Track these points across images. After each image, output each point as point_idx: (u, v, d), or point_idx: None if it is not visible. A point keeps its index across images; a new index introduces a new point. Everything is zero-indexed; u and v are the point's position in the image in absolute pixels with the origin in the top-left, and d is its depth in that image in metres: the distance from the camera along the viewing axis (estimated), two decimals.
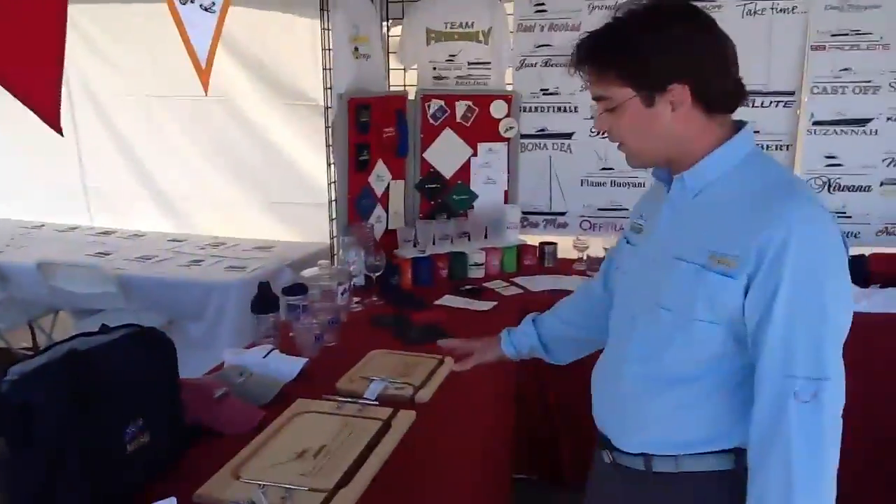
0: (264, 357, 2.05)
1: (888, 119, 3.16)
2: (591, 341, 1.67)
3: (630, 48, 1.27)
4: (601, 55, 1.31)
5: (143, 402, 1.48)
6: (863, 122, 3.19)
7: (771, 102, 3.23)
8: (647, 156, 1.37)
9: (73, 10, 4.32)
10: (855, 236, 3.26)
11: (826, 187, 3.25)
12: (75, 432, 1.33)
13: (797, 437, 1.17)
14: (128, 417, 1.44)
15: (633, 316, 1.39)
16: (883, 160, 3.20)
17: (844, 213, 3.26)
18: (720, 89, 1.30)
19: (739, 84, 1.33)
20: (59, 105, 1.46)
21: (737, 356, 1.27)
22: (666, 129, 1.30)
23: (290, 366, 2.02)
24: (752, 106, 3.19)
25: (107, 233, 4.34)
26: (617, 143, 1.38)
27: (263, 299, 2.26)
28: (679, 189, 1.34)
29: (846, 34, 3.13)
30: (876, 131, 3.18)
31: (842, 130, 3.20)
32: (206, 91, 1.64)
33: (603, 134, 1.39)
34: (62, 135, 1.48)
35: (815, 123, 3.22)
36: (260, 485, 1.42)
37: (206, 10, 1.61)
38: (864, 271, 2.99)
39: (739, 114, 1.38)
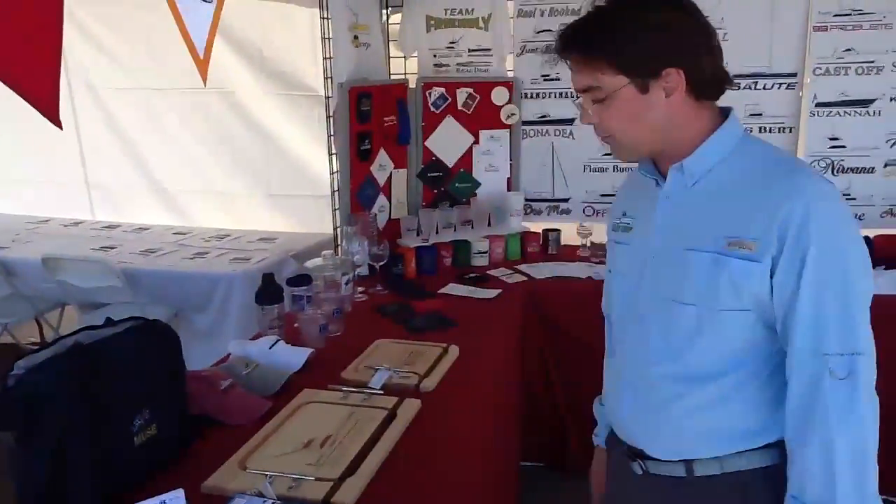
0: (270, 348, 2.05)
1: (891, 99, 3.13)
2: None
3: (621, 32, 1.23)
4: (592, 41, 1.25)
5: (149, 394, 1.48)
6: (866, 102, 3.17)
7: (773, 84, 3.20)
8: (639, 147, 1.32)
9: (71, 3, 4.34)
10: (859, 218, 3.24)
11: (830, 169, 3.23)
12: (82, 425, 1.33)
13: (836, 417, 1.15)
14: (134, 409, 1.45)
15: (641, 317, 1.35)
16: (887, 141, 3.18)
17: (848, 194, 3.24)
18: (711, 74, 1.27)
19: (724, 70, 1.30)
20: (58, 98, 1.46)
21: (767, 343, 1.24)
22: (660, 117, 1.26)
23: (295, 356, 2.03)
24: (755, 88, 3.17)
25: (111, 227, 4.35)
26: (602, 137, 1.33)
27: (268, 290, 2.26)
28: (677, 179, 1.31)
29: (848, 14, 3.11)
30: (879, 112, 3.16)
31: (845, 112, 3.18)
32: (204, 82, 1.63)
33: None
34: (61, 128, 1.48)
35: (818, 105, 3.20)
36: (267, 475, 1.42)
37: (203, 0, 1.60)
38: (869, 253, 2.97)
39: (744, 96, 1.38)
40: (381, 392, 1.83)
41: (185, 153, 4.32)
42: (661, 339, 1.31)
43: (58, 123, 1.46)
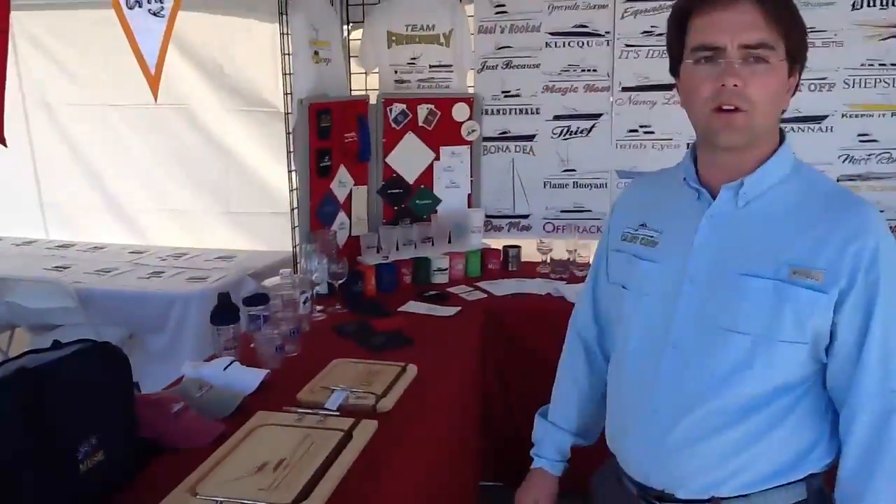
0: (224, 369, 2.01)
1: (843, 116, 3.20)
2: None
3: (796, 11, 1.20)
4: (787, 2, 1.19)
5: (96, 419, 1.44)
6: (818, 119, 3.22)
7: None
8: (763, 127, 1.20)
9: (25, 18, 4.27)
10: None
11: None
12: (26, 452, 1.29)
13: None
14: (80, 435, 1.40)
15: (676, 344, 1.25)
16: (839, 157, 3.23)
17: None
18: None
19: None
20: (2, 116, 1.42)
21: (809, 377, 1.21)
22: (781, 108, 1.22)
23: (250, 378, 1.99)
24: None
25: (65, 246, 4.25)
26: (720, 108, 1.18)
27: (223, 310, 2.22)
28: (728, 198, 1.24)
29: None
30: (831, 128, 3.22)
31: (798, 128, 3.23)
32: (155, 98, 1.61)
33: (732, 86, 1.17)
34: (6, 146, 1.44)
35: None
36: (217, 501, 1.39)
37: (154, 14, 1.57)
38: None
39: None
40: (338, 413, 1.80)
41: (143, 170, 4.25)
42: (703, 370, 1.22)
43: (2, 141, 1.42)
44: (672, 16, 1.27)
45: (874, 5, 3.11)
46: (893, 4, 3.10)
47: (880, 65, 3.15)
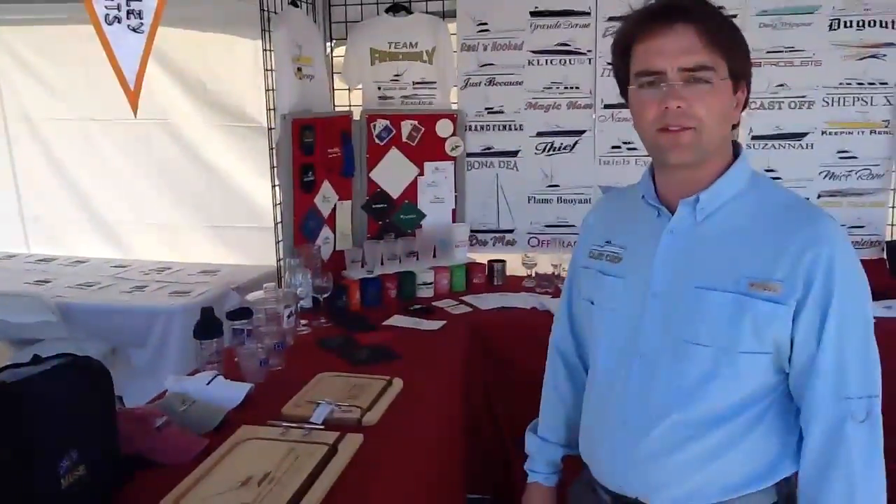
0: (207, 384, 2.00)
1: (823, 133, 3.25)
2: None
3: (736, 29, 1.22)
4: (725, 22, 1.21)
5: (77, 434, 1.43)
6: (799, 136, 3.27)
7: None
8: (709, 145, 1.22)
9: (6, 33, 4.24)
10: None
11: None
12: (5, 467, 1.28)
13: (858, 457, 1.17)
14: (61, 451, 1.39)
15: (644, 357, 1.28)
16: (819, 173, 3.28)
17: None
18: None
19: None
20: None
21: (776, 386, 1.24)
22: (729, 125, 1.24)
23: (234, 392, 1.98)
24: None
25: (47, 260, 4.22)
26: (668, 126, 1.20)
27: (206, 324, 2.20)
28: (687, 213, 1.26)
29: (780, 51, 3.21)
30: (812, 145, 3.26)
31: (779, 145, 3.28)
32: (134, 113, 1.61)
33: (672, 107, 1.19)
34: None
35: (754, 138, 3.29)
36: None
37: (134, 30, 1.57)
38: None
39: None
40: (322, 427, 1.79)
41: (125, 184, 4.24)
42: (670, 381, 1.25)
43: None
44: (615, 43, 1.31)
45: (851, 26, 3.17)
46: (869, 25, 3.16)
47: (858, 83, 3.20)
